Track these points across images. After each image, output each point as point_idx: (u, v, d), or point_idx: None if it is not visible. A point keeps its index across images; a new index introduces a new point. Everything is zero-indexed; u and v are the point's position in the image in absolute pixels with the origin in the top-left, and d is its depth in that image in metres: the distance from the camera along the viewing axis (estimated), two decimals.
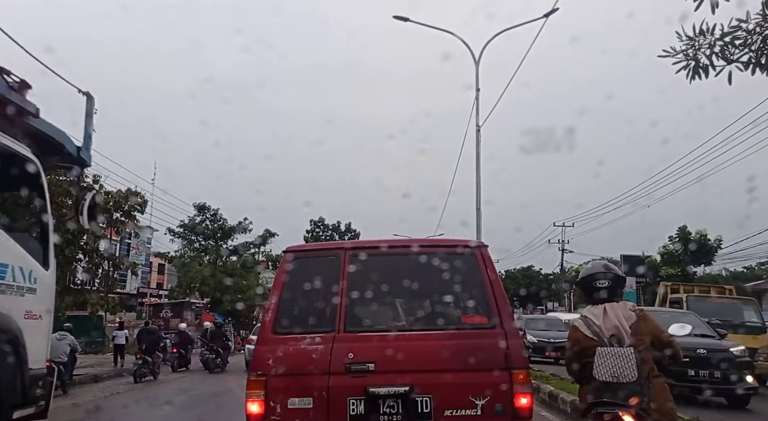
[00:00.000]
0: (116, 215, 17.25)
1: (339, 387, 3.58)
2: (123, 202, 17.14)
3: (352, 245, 4.58)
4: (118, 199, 17.04)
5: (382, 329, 4.05)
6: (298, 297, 4.04)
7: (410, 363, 3.62)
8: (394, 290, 4.21)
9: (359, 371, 3.60)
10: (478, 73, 17.11)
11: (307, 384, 3.61)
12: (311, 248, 5.73)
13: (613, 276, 3.54)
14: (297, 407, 3.57)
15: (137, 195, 17.72)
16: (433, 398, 3.56)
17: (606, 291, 3.48)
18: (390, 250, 4.24)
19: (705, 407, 8.60)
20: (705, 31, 4.73)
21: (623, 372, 3.15)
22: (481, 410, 3.53)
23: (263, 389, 3.58)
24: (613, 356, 3.21)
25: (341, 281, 3.87)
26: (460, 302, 4.11)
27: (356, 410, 3.56)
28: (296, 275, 4.01)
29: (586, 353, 3.38)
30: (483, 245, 4.14)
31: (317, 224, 55.74)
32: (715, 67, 4.86)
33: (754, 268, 39.64)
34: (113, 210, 16.87)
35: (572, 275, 43.15)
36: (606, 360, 3.22)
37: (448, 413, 3.55)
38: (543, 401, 8.96)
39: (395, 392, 3.55)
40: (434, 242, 5.21)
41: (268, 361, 3.66)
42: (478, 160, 17.02)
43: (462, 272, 3.94)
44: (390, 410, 3.56)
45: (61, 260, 15.16)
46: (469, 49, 17.24)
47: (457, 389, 3.58)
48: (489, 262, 3.99)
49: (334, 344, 3.68)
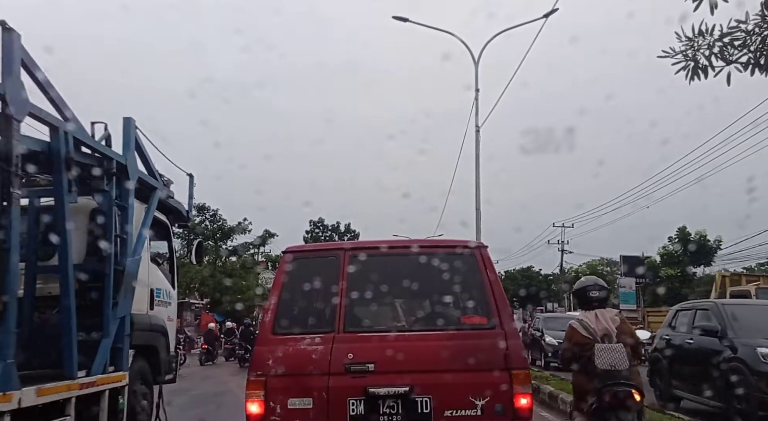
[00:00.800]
0: None
1: (339, 387, 3.59)
2: None
3: (352, 245, 4.59)
4: None
5: (382, 330, 4.06)
6: (297, 297, 4.05)
7: (410, 363, 3.63)
8: (394, 290, 4.22)
9: (359, 372, 3.61)
10: (477, 74, 17.13)
11: (307, 384, 3.62)
12: (311, 249, 5.76)
13: (601, 288, 4.51)
14: (297, 408, 3.57)
15: None
16: (433, 399, 3.57)
17: (598, 300, 4.44)
18: (390, 250, 4.26)
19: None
20: (704, 32, 4.72)
21: (618, 362, 4.08)
22: (481, 411, 3.54)
23: (263, 390, 3.59)
24: (609, 350, 4.13)
25: (341, 282, 3.88)
26: (459, 303, 4.12)
27: (356, 410, 3.56)
28: (296, 276, 4.02)
29: (584, 348, 4.22)
30: (483, 246, 4.15)
31: (317, 224, 55.82)
32: (714, 67, 4.84)
33: (754, 268, 39.58)
34: None
35: (572, 276, 43.11)
36: (604, 353, 4.12)
37: (448, 414, 3.56)
38: (543, 402, 8.95)
39: (395, 392, 3.56)
40: (434, 242, 5.22)
41: (268, 361, 3.67)
42: (477, 160, 17.07)
43: (462, 273, 3.95)
44: (390, 410, 3.57)
45: None
46: (469, 50, 17.25)
47: (456, 389, 3.59)
48: (489, 262, 4.00)
49: (333, 344, 3.69)
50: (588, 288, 4.49)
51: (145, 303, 6.46)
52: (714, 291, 16.87)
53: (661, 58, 4.97)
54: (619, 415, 3.98)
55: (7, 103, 3.97)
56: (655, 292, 33.13)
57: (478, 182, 16.97)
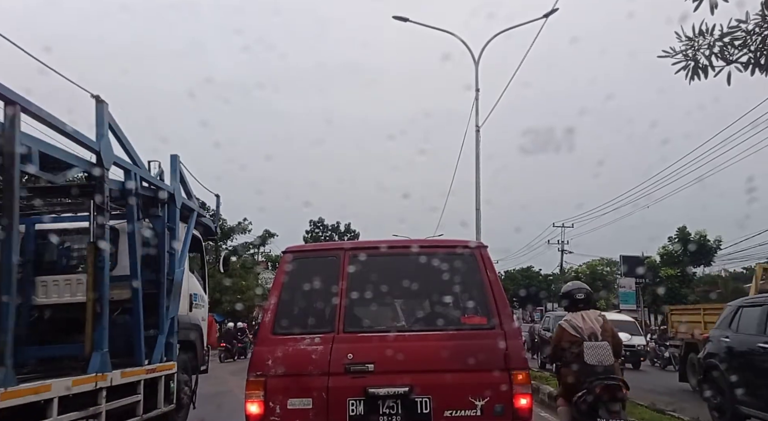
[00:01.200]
0: None
1: (338, 388, 3.59)
2: None
3: (352, 245, 4.59)
4: None
5: (382, 330, 4.07)
6: (297, 298, 4.05)
7: (410, 364, 3.63)
8: (394, 290, 4.23)
9: (358, 372, 3.60)
10: (477, 74, 17.10)
11: (307, 385, 3.61)
12: (311, 249, 5.76)
13: (587, 291, 5.05)
14: (296, 408, 3.57)
15: None
16: (433, 399, 3.57)
17: (583, 301, 4.92)
18: (389, 250, 4.25)
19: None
20: (704, 32, 4.73)
21: (605, 358, 4.53)
22: (481, 411, 3.54)
23: (262, 390, 3.58)
24: (597, 347, 4.57)
25: (341, 282, 3.88)
26: (459, 303, 4.12)
27: (356, 410, 3.56)
28: (296, 276, 4.02)
29: (572, 346, 4.67)
30: (483, 246, 4.15)
31: (316, 224, 56.02)
32: (714, 67, 4.87)
33: (753, 269, 39.60)
34: None
35: (572, 276, 43.13)
36: (593, 350, 4.55)
37: (448, 414, 3.55)
38: (542, 402, 8.94)
39: (395, 392, 3.56)
40: (434, 242, 5.22)
41: (268, 361, 3.66)
42: (477, 160, 17.05)
43: (461, 273, 3.95)
44: (389, 410, 3.57)
45: None
46: (469, 50, 17.22)
47: (456, 389, 3.59)
48: (489, 262, 4.00)
49: (333, 344, 3.69)
50: (573, 292, 5.01)
51: (186, 306, 7.75)
52: (754, 285, 15.16)
53: (661, 57, 4.99)
54: (609, 406, 4.37)
55: (101, 158, 5.44)
56: (655, 292, 33.13)
57: (478, 182, 16.93)
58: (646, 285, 35.09)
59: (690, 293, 32.20)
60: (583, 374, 4.52)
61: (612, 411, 4.36)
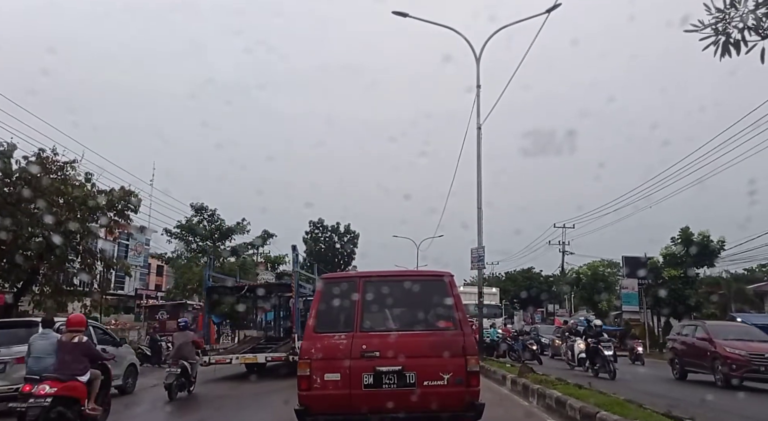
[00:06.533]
0: (110, 214, 17.68)
1: (357, 367, 5.99)
2: (116, 201, 17.54)
3: (365, 274, 7.12)
4: (111, 199, 17.38)
5: (384, 330, 6.48)
6: (329, 308, 6.49)
7: (402, 352, 6.02)
8: (392, 304, 6.68)
9: (370, 357, 6.02)
10: (479, 70, 18.23)
11: (336, 365, 6.03)
12: (338, 276, 8.61)
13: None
14: (330, 380, 6.00)
15: (131, 194, 18.00)
16: (417, 374, 5.97)
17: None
18: (389, 278, 6.83)
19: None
20: (736, 3, 4.44)
21: None
22: (447, 381, 5.97)
23: (309, 368, 6.03)
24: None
25: (357, 299, 6.32)
26: (434, 313, 6.58)
27: (368, 380, 5.99)
28: (328, 294, 6.49)
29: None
30: (450, 274, 6.64)
31: (316, 225, 57.24)
32: (747, 43, 4.57)
33: (755, 270, 40.90)
34: (106, 210, 17.34)
35: (573, 277, 44.42)
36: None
37: (426, 383, 5.97)
38: (549, 407, 9.04)
39: (393, 370, 5.96)
40: (418, 272, 8.09)
41: (311, 350, 6.11)
42: (479, 158, 18.27)
43: (436, 293, 6.45)
44: (389, 381, 5.99)
45: (53, 260, 16.64)
46: (470, 46, 18.32)
47: (432, 368, 5.99)
48: (454, 287, 6.53)
49: (353, 339, 6.11)
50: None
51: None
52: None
53: (688, 32, 4.65)
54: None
55: (292, 289, 17.10)
56: (657, 293, 33.68)
57: (479, 181, 18.13)
58: (649, 286, 35.96)
59: (693, 294, 33.24)
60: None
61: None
